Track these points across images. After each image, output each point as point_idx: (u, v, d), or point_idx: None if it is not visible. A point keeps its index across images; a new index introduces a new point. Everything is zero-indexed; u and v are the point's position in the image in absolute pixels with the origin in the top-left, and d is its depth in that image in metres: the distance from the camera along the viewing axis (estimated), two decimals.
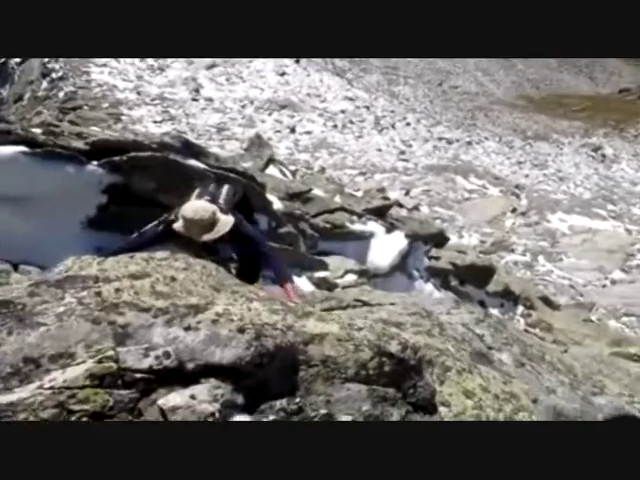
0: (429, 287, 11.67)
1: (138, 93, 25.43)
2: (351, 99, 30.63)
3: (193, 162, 6.93)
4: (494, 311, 12.12)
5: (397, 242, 11.02)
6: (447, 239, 14.51)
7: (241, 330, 1.72)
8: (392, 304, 5.26)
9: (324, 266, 8.81)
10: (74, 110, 19.79)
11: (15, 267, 3.62)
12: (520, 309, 13.60)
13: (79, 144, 5.02)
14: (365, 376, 2.09)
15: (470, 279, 13.18)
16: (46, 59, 27.08)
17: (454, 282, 12.92)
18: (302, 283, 7.70)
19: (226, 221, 3.58)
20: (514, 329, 6.40)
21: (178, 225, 3.54)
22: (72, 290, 1.80)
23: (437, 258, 12.84)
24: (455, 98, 39.72)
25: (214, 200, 3.78)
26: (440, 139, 28.24)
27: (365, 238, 10.51)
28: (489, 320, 5.20)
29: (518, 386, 3.03)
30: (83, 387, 1.39)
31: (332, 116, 28.04)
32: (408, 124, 29.42)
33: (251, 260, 3.96)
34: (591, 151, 31.45)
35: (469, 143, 28.83)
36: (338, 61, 39.17)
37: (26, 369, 1.46)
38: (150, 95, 25.65)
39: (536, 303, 14.18)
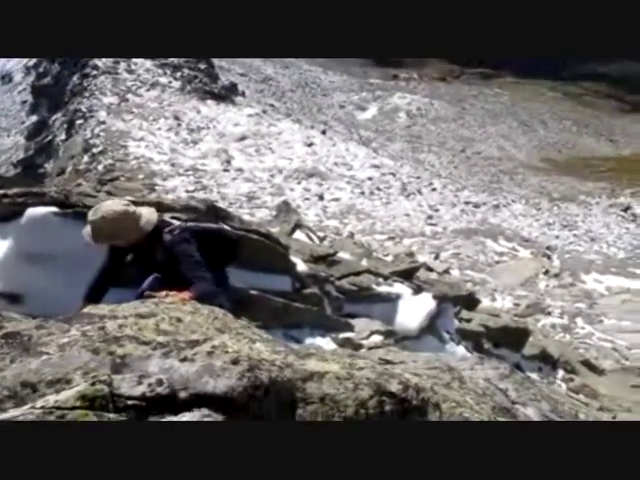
0: (461, 350, 11.39)
1: (172, 165, 26.43)
2: (377, 167, 31.23)
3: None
4: (532, 375, 11.69)
5: (425, 303, 10.88)
6: (478, 301, 14.30)
7: (235, 362, 1.77)
8: (415, 362, 5.17)
9: (349, 327, 8.75)
10: (112, 181, 20.60)
11: None
12: (561, 373, 13.04)
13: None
14: (365, 415, 2.07)
15: (504, 342, 12.82)
16: (88, 135, 28.54)
17: (487, 345, 12.59)
18: (326, 344, 7.64)
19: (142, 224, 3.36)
20: (545, 387, 6.17)
21: (85, 230, 3.41)
22: (78, 325, 1.89)
23: (468, 320, 12.61)
24: (479, 163, 40.21)
25: (185, 221, 3.72)
26: (467, 203, 28.40)
27: (392, 300, 10.41)
28: (515, 376, 5.03)
29: None
30: (73, 408, 1.44)
31: (359, 183, 28.54)
32: (434, 189, 29.76)
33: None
34: (620, 211, 31.17)
35: (496, 206, 28.92)
36: (363, 131, 40.17)
37: (23, 393, 1.53)
38: (183, 166, 26.61)
39: (578, 367, 13.58)
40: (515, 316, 17.20)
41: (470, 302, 13.38)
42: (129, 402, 1.54)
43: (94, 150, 26.72)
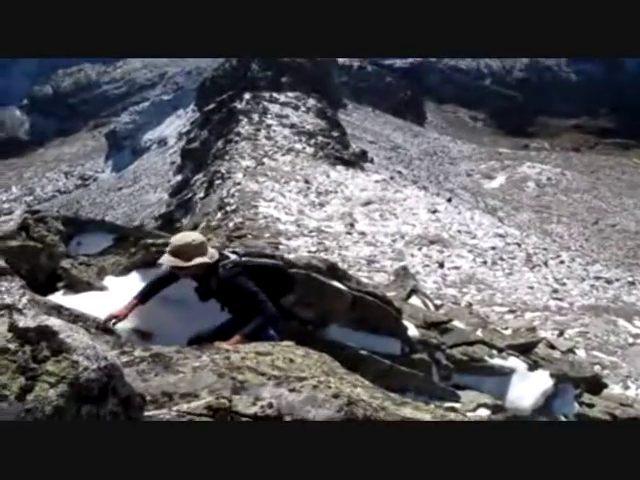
0: None
1: (298, 225, 27.67)
2: (502, 236, 30.55)
3: (335, 283, 7.48)
4: None
5: (541, 381, 10.37)
6: (604, 385, 13.29)
7: (336, 396, 2.04)
8: None
9: (455, 397, 8.61)
10: (239, 238, 22.01)
11: None
12: None
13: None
14: None
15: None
16: (224, 194, 30.81)
17: None
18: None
19: (209, 256, 3.85)
20: None
21: (163, 257, 3.97)
22: (208, 353, 2.28)
23: (590, 405, 11.75)
24: (613, 236, 37.94)
25: (241, 255, 4.09)
26: (598, 278, 26.78)
27: (504, 374, 10.06)
28: None
29: None
30: (200, 415, 1.79)
31: (482, 252, 28.01)
32: (562, 262, 28.42)
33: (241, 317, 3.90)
34: None
35: (632, 283, 26.96)
36: (490, 199, 39.63)
37: (162, 400, 1.92)
38: (308, 227, 27.75)
39: None
40: None
41: (595, 385, 12.49)
42: (243, 418, 1.86)
43: (227, 208, 28.78)
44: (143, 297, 4.41)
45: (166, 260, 4.03)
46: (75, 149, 73.15)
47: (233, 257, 4.03)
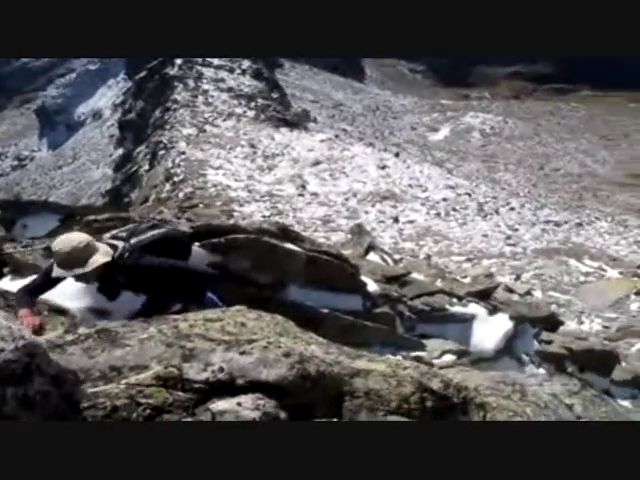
0: (542, 373, 11.07)
1: (249, 191, 27.34)
2: (452, 187, 30.99)
3: (288, 245, 7.42)
4: (624, 403, 11.11)
5: (501, 324, 10.67)
6: (560, 322, 13.76)
7: (287, 355, 2.00)
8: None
9: (421, 346, 8.77)
10: (191, 208, 21.64)
11: None
12: None
13: (185, 227, 5.71)
14: (407, 410, 2.24)
15: (590, 366, 12.28)
16: (169, 165, 30.09)
17: (571, 368, 12.10)
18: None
19: (103, 253, 3.47)
20: (624, 409, 5.96)
21: (55, 269, 3.47)
22: (155, 324, 2.20)
23: (549, 342, 12.19)
24: (559, 181, 39.03)
25: (127, 238, 3.71)
26: (548, 222, 27.56)
27: (466, 320, 10.30)
28: (585, 393, 4.92)
29: None
30: (150, 386, 1.73)
31: (434, 204, 28.36)
32: (512, 209, 29.12)
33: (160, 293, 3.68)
34: None
35: (579, 224, 27.90)
36: (436, 152, 40.03)
37: (110, 374, 1.85)
38: (260, 192, 27.46)
39: None
40: (605, 340, 16.41)
41: (552, 323, 12.92)
42: (195, 385, 1.80)
43: (175, 179, 28.13)
44: (30, 299, 3.71)
45: (61, 273, 3.51)
46: (5, 128, 69.72)
47: (121, 244, 3.67)
